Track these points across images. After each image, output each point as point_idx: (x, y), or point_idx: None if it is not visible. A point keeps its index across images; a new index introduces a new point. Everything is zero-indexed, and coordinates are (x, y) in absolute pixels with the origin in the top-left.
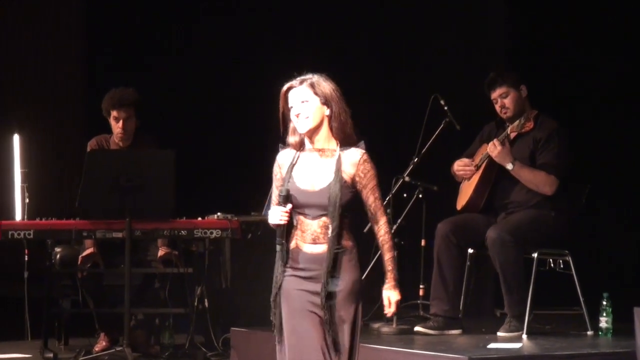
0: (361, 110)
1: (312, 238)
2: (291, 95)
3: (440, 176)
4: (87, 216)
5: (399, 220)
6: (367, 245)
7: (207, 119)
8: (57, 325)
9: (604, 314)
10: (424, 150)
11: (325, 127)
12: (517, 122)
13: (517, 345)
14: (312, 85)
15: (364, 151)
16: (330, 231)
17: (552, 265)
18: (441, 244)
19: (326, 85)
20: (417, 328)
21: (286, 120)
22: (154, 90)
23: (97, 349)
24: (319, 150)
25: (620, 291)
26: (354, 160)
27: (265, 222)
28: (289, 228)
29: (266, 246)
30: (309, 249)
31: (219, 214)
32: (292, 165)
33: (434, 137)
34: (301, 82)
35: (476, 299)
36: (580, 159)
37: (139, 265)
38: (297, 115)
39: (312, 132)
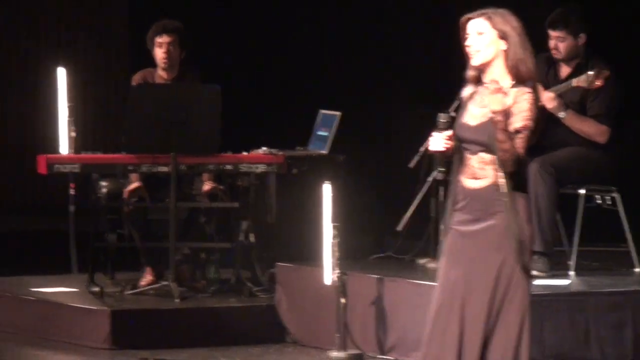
0: (410, 44)
1: (470, 173)
2: (469, 26)
3: None
4: (133, 150)
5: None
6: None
7: (254, 51)
8: (103, 260)
9: None
10: None
11: (500, 62)
12: (585, 76)
13: (564, 282)
14: (489, 18)
15: (529, 89)
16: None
17: (599, 201)
18: None
19: (506, 20)
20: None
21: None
22: (200, 21)
23: (142, 284)
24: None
25: None
26: (515, 95)
27: (311, 157)
28: (457, 161)
29: (311, 181)
30: (468, 183)
31: (264, 148)
32: (468, 99)
33: None
34: (480, 15)
35: None
36: (627, 93)
37: (184, 199)
38: (470, 47)
39: (486, 66)
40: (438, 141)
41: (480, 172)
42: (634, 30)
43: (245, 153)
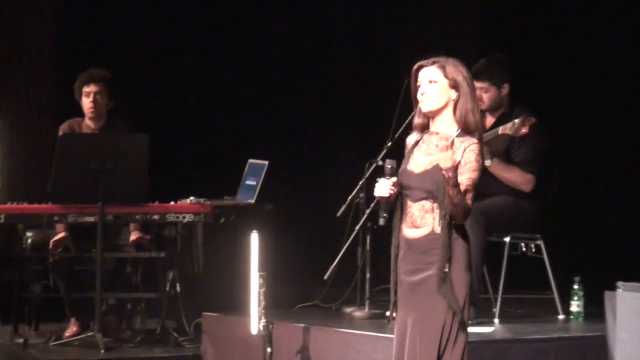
0: (337, 94)
1: (410, 221)
2: (421, 74)
3: None
4: (59, 200)
5: (372, 205)
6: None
7: (181, 101)
8: (28, 311)
9: (575, 298)
10: (397, 134)
11: (449, 111)
12: (511, 124)
13: (488, 330)
14: (442, 67)
15: (476, 140)
16: (439, 216)
17: (523, 249)
18: None
19: (458, 70)
20: (389, 312)
21: (417, 99)
22: (126, 72)
23: (67, 334)
24: (438, 133)
25: (593, 275)
26: (462, 146)
27: (238, 206)
28: (401, 210)
29: (239, 230)
30: (407, 232)
31: (191, 198)
32: (413, 146)
33: (407, 121)
34: (433, 63)
35: None
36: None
37: (110, 249)
38: (422, 94)
39: (435, 114)
40: (383, 187)
41: (421, 221)
42: (559, 79)
43: (172, 202)
